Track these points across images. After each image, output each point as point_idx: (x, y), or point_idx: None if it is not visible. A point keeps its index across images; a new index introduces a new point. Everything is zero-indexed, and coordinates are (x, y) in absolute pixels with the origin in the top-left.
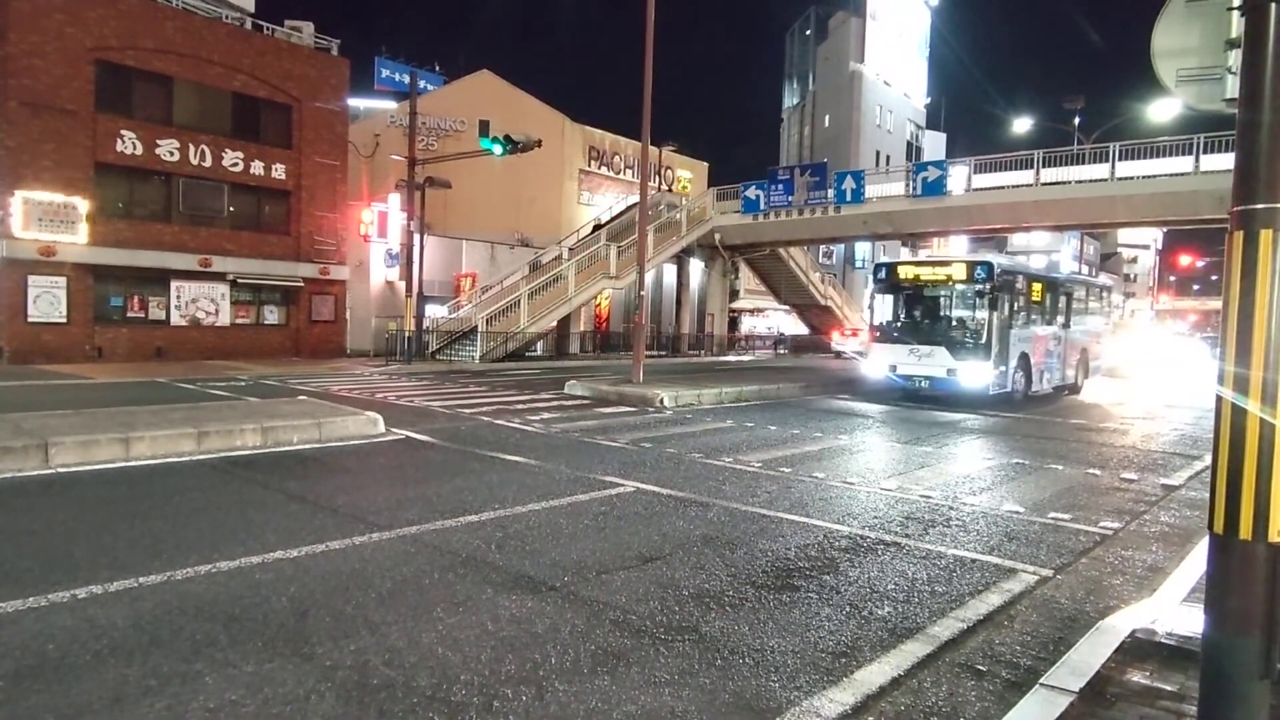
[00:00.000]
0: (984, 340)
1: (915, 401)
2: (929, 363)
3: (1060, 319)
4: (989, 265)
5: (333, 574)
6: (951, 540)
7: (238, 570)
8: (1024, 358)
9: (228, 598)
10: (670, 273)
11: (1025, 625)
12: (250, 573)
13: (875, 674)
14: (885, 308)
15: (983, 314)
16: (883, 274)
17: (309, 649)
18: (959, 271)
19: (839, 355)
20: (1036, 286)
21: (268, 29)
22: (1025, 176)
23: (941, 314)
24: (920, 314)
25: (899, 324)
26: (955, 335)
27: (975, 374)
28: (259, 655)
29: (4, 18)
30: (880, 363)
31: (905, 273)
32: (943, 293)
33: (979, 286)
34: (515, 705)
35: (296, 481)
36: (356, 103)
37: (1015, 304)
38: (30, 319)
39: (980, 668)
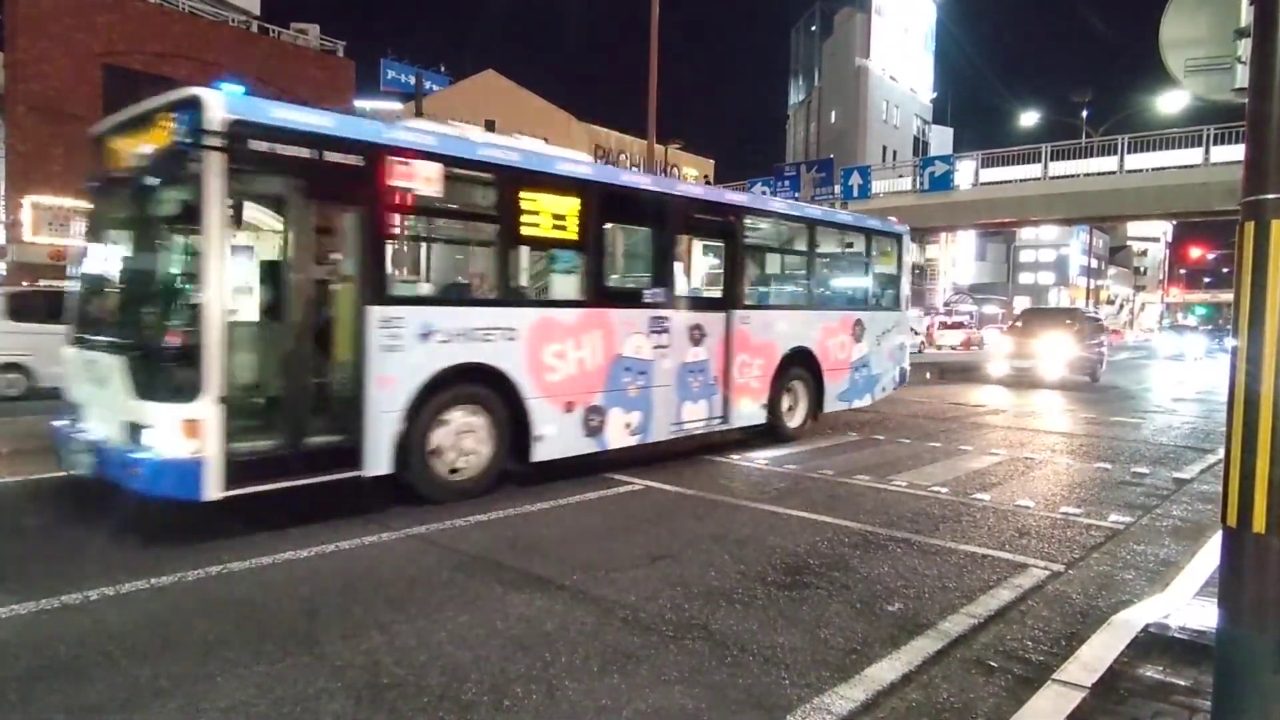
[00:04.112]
0: (199, 332)
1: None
2: (99, 410)
3: (698, 280)
4: (195, 105)
5: (343, 574)
6: None
7: (249, 570)
8: (486, 378)
9: (239, 598)
10: None
11: (1037, 620)
12: (261, 573)
13: (886, 670)
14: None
15: (213, 255)
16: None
17: (320, 649)
18: (153, 135)
19: None
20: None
21: (274, 31)
22: (1033, 170)
23: (131, 267)
24: (101, 269)
25: (88, 294)
26: (144, 327)
27: (175, 441)
28: (270, 655)
29: (13, 24)
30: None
31: (107, 151)
32: (151, 204)
33: (185, 171)
34: (525, 704)
35: None
36: (363, 104)
37: (426, 232)
38: None
39: (992, 663)
